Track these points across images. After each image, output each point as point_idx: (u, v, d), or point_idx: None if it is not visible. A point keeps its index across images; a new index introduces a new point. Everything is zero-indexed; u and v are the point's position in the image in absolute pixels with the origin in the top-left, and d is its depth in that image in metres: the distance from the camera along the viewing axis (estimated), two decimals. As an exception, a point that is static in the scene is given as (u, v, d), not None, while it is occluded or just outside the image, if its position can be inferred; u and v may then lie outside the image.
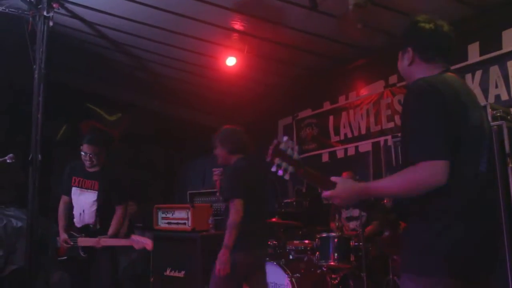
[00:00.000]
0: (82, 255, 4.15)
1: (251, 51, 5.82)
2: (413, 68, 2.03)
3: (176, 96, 7.54)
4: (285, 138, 1.89)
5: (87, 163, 4.28)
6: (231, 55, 5.95)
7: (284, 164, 1.87)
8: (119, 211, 4.28)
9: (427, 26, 2.00)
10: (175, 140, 8.07)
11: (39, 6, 4.24)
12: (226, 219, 3.47)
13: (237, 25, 5.40)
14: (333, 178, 1.92)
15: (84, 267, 4.25)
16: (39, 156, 4.09)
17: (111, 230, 4.21)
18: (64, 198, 4.39)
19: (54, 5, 4.30)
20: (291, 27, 5.34)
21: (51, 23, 4.24)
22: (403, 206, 1.95)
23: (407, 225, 1.95)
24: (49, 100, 4.22)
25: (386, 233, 2.08)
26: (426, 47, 2.01)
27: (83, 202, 4.27)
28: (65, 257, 4.25)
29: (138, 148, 7.85)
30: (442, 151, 1.73)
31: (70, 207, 4.35)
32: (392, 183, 1.85)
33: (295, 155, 1.89)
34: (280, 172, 1.88)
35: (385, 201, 2.11)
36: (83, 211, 4.27)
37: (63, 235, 4.22)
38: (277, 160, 1.86)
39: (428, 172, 1.71)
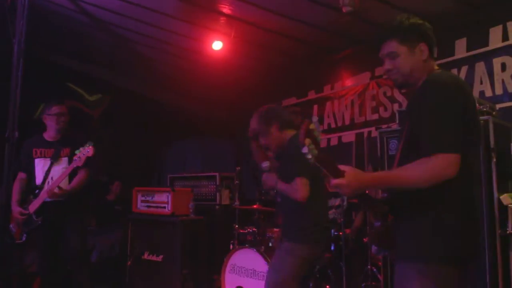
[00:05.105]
0: (35, 219, 4.08)
1: (238, 36, 5.73)
2: (425, 64, 2.08)
3: (158, 78, 7.40)
4: (315, 119, 1.82)
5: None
6: (218, 39, 5.85)
7: (311, 146, 1.76)
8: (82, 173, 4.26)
9: (429, 27, 2.11)
10: (155, 123, 7.91)
11: (21, -22, 4.09)
12: (282, 204, 3.26)
13: (225, 9, 5.31)
14: (341, 167, 1.86)
15: (50, 243, 4.21)
16: (16, 133, 3.99)
17: (70, 186, 4.18)
18: (20, 175, 4.32)
19: (37, -22, 4.17)
20: (279, 13, 5.27)
21: (32, -3, 4.11)
22: (397, 199, 2.01)
23: (407, 217, 1.97)
24: (28, 77, 4.10)
25: (377, 224, 2.06)
26: (434, 45, 2.11)
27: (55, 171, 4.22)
28: (22, 240, 4.15)
29: (117, 130, 7.68)
30: (458, 145, 1.80)
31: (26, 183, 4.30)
32: (406, 173, 1.86)
33: (319, 138, 1.81)
34: (310, 155, 1.77)
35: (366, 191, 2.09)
36: (51, 178, 4.21)
37: (17, 208, 4.11)
38: (307, 141, 1.75)
39: (445, 164, 1.78)
